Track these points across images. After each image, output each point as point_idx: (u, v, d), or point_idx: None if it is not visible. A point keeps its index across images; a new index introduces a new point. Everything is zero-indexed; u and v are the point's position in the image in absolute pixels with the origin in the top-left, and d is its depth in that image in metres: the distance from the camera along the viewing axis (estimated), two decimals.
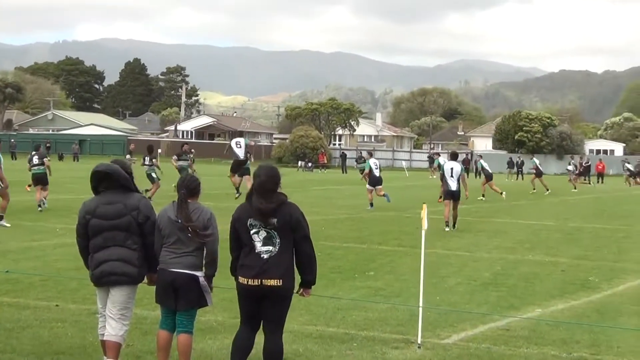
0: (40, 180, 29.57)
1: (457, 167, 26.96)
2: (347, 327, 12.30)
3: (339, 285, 15.74)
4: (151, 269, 9.36)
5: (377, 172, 34.58)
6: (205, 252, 9.12)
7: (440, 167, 38.66)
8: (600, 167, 78.72)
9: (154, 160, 36.55)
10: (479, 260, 19.90)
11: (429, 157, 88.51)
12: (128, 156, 43.38)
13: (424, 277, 11.62)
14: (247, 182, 34.87)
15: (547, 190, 49.99)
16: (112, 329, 9.16)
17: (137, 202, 9.22)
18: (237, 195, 35.06)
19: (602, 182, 74.68)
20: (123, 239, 9.11)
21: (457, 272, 17.77)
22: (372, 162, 35.45)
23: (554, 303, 14.61)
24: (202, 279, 9.12)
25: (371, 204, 34.43)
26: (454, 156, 28.35)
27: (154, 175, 35.78)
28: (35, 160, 29.90)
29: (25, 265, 16.84)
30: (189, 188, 9.27)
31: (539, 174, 52.49)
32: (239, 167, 36.31)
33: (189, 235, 9.02)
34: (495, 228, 28.07)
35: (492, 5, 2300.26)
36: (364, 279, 16.56)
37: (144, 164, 36.19)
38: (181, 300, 9.07)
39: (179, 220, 9.04)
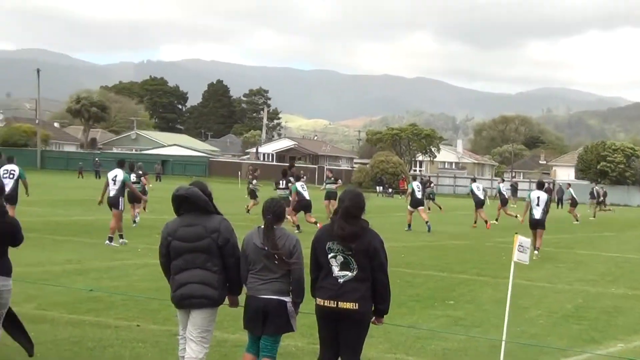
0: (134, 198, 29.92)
1: (543, 195, 27.46)
2: (427, 356, 12.23)
3: (419, 313, 15.66)
4: (232, 291, 9.41)
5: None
6: (291, 278, 9.09)
7: (472, 193, 38.91)
8: None
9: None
10: (560, 291, 19.66)
11: (511, 185, 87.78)
12: (254, 181, 43.42)
13: (508, 308, 11.47)
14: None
15: (577, 220, 48.84)
16: (192, 351, 9.19)
17: (217, 224, 9.19)
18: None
19: None
20: (203, 261, 9.11)
21: (538, 304, 17.57)
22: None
23: (637, 338, 14.37)
24: (289, 305, 9.10)
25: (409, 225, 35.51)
26: (540, 185, 28.94)
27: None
28: (133, 177, 30.20)
29: (107, 284, 17.01)
30: (275, 213, 9.23)
31: (574, 204, 51.33)
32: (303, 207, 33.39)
33: (276, 262, 9.01)
34: (576, 259, 27.71)
35: (574, 33, 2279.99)
36: (444, 308, 16.45)
37: (277, 189, 35.48)
38: (269, 325, 9.06)
39: (266, 248, 9.03)
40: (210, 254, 9.12)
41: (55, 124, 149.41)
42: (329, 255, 8.72)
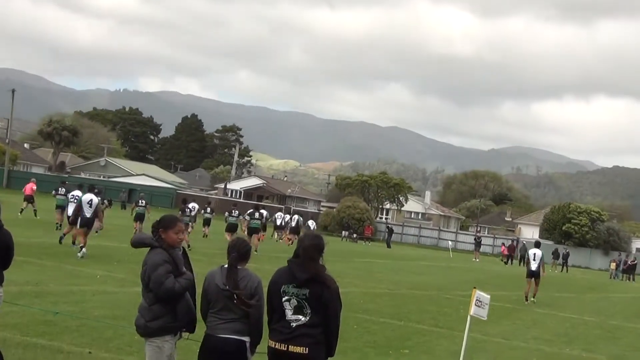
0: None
1: (538, 252, 34.03)
2: None
3: None
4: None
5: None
6: (250, 320, 8.97)
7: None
8: None
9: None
10: (515, 348, 19.73)
11: (475, 239, 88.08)
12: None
13: None
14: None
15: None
16: None
17: (147, 258, 9.23)
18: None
19: None
20: (143, 292, 9.24)
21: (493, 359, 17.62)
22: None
23: None
24: (248, 345, 9.00)
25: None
26: (537, 244, 35.63)
27: None
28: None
29: (64, 308, 16.83)
30: (240, 252, 9.14)
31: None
32: None
33: (235, 301, 8.93)
34: (534, 318, 27.81)
35: (548, 97, 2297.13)
36: (398, 356, 16.46)
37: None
38: None
39: (227, 287, 8.94)
40: (145, 286, 9.18)
41: (26, 145, 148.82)
42: (284, 299, 8.71)
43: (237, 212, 44.63)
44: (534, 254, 33.99)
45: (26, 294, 18.05)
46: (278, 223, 61.77)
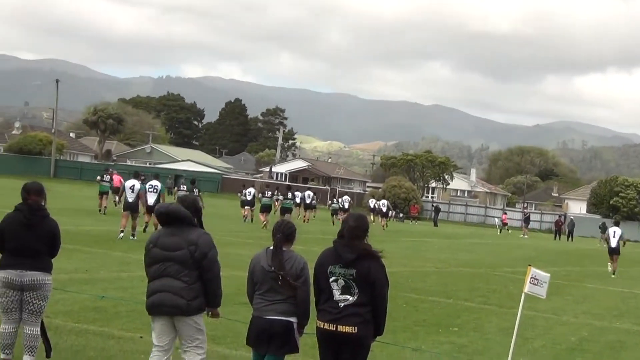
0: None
1: (618, 230, 36.60)
2: None
3: (422, 338, 15.64)
4: (210, 304, 9.44)
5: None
6: (297, 301, 9.05)
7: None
8: None
9: None
10: (565, 324, 19.61)
11: (523, 215, 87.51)
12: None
13: (510, 337, 11.39)
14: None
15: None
16: None
17: (196, 237, 9.27)
18: None
19: None
20: (176, 272, 9.19)
21: (543, 335, 17.52)
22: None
23: None
24: (295, 326, 9.09)
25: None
26: (616, 223, 38.20)
27: None
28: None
29: (113, 294, 17.00)
30: (285, 234, 9.21)
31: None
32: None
33: (280, 283, 8.98)
34: (584, 293, 27.63)
35: (591, 71, 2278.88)
36: (448, 334, 16.42)
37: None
38: (274, 346, 9.05)
39: (272, 268, 9.01)
40: (184, 265, 9.18)
41: (71, 134, 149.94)
42: (331, 279, 8.74)
43: (270, 193, 46.12)
44: (614, 231, 36.60)
45: (76, 281, 18.20)
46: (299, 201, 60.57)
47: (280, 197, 45.54)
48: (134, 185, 30.94)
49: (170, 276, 9.21)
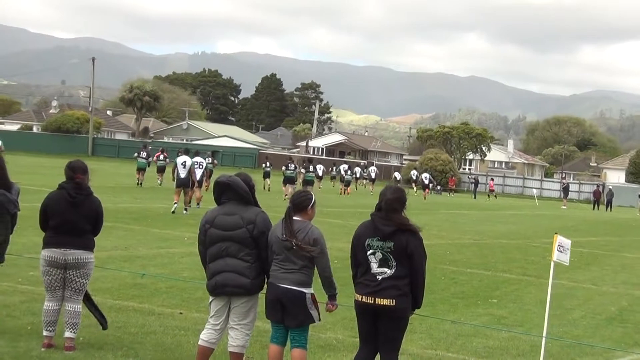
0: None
1: None
2: (468, 353, 12.24)
3: (461, 310, 15.66)
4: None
5: None
6: (317, 270, 9.18)
7: None
8: None
9: None
10: (604, 294, 19.56)
11: (561, 186, 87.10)
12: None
13: (549, 308, 11.39)
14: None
15: None
16: (232, 339, 9.40)
17: (254, 216, 9.32)
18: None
19: None
20: (237, 251, 9.25)
21: (582, 305, 17.49)
22: None
23: None
24: (309, 296, 9.15)
25: None
26: None
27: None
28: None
29: (153, 271, 17.10)
30: (294, 203, 9.34)
31: None
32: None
33: (294, 247, 9.04)
34: (622, 262, 27.50)
35: (627, 39, 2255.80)
36: (487, 306, 16.44)
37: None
38: (289, 317, 9.16)
39: (285, 236, 9.10)
40: (244, 244, 9.25)
41: (108, 112, 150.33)
42: (368, 252, 8.77)
43: (293, 165, 46.87)
44: None
45: (115, 259, 18.35)
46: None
47: (302, 170, 46.66)
48: (185, 162, 31.63)
49: (232, 256, 9.27)
